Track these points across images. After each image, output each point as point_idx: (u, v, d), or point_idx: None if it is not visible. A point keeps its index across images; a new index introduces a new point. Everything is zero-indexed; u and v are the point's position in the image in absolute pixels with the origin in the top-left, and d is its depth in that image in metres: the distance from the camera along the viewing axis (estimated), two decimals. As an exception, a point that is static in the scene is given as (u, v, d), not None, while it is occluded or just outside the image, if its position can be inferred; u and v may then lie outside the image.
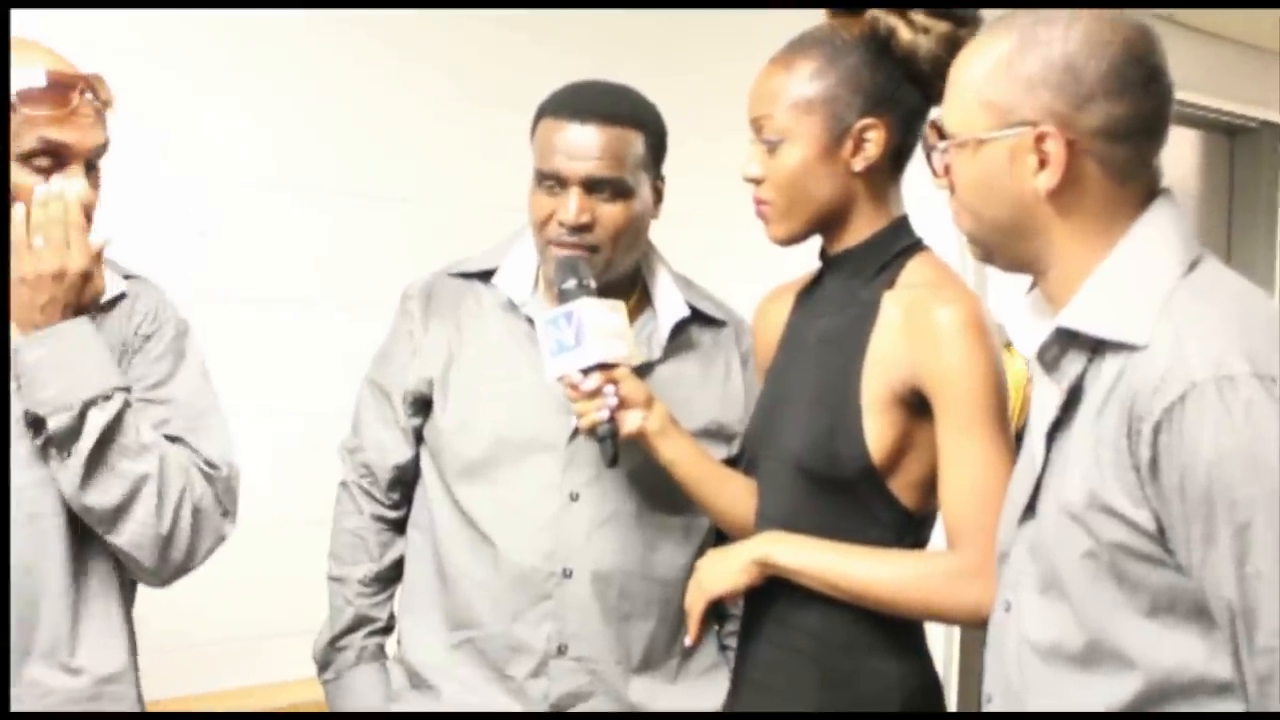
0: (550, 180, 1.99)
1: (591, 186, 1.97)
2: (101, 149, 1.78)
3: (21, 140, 1.72)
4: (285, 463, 2.83)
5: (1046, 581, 1.46)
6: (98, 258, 1.78)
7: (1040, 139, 1.44)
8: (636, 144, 2.00)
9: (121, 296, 1.88)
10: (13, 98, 1.71)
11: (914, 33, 1.78)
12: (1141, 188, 1.48)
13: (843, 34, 1.82)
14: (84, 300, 1.77)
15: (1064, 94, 1.43)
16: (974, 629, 1.67)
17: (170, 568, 1.82)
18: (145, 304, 1.90)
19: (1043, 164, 1.44)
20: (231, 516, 1.88)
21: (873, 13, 1.80)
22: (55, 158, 1.73)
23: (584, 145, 1.97)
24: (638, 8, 3.44)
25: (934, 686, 1.87)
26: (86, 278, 1.76)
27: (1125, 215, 1.46)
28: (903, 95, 1.80)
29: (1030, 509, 1.50)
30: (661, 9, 3.49)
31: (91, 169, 1.78)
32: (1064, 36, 1.45)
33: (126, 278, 1.91)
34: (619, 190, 1.98)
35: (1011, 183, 1.47)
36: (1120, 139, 1.44)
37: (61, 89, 1.71)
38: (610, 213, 1.98)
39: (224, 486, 1.86)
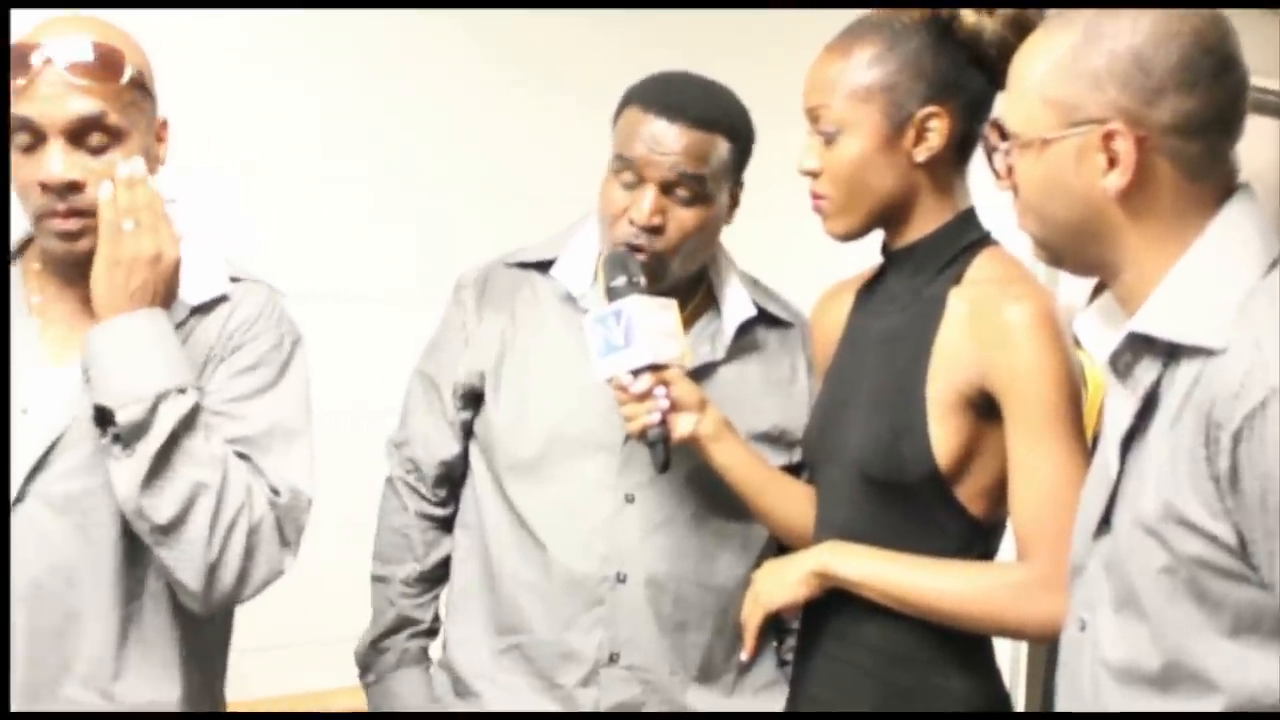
0: (627, 170, 1.94)
1: (669, 188, 1.93)
2: (92, 119, 1.65)
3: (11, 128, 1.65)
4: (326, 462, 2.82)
5: (1122, 599, 1.40)
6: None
7: (1108, 137, 1.38)
8: (723, 150, 1.94)
9: (222, 299, 1.80)
10: None
11: (978, 15, 1.72)
12: (1217, 184, 1.42)
13: (902, 18, 1.76)
14: (174, 289, 1.71)
15: (1132, 89, 1.38)
16: (1043, 644, 1.59)
17: (217, 594, 1.70)
18: (246, 311, 1.81)
19: (1112, 163, 1.39)
20: (292, 549, 1.76)
21: None
22: (30, 132, 1.65)
23: (669, 144, 1.92)
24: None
25: (1002, 706, 1.80)
26: (178, 265, 1.69)
27: (1200, 214, 1.40)
28: (967, 81, 1.73)
29: (1105, 522, 1.44)
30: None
31: (90, 144, 1.67)
32: (1130, 29, 1.39)
33: (234, 280, 1.84)
34: (698, 195, 1.93)
35: (1079, 184, 1.41)
36: (1193, 134, 1.38)
37: (22, 61, 1.62)
38: (684, 217, 1.93)
39: (288, 515, 1.75)
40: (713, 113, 1.95)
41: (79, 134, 1.65)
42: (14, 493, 1.68)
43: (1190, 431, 1.33)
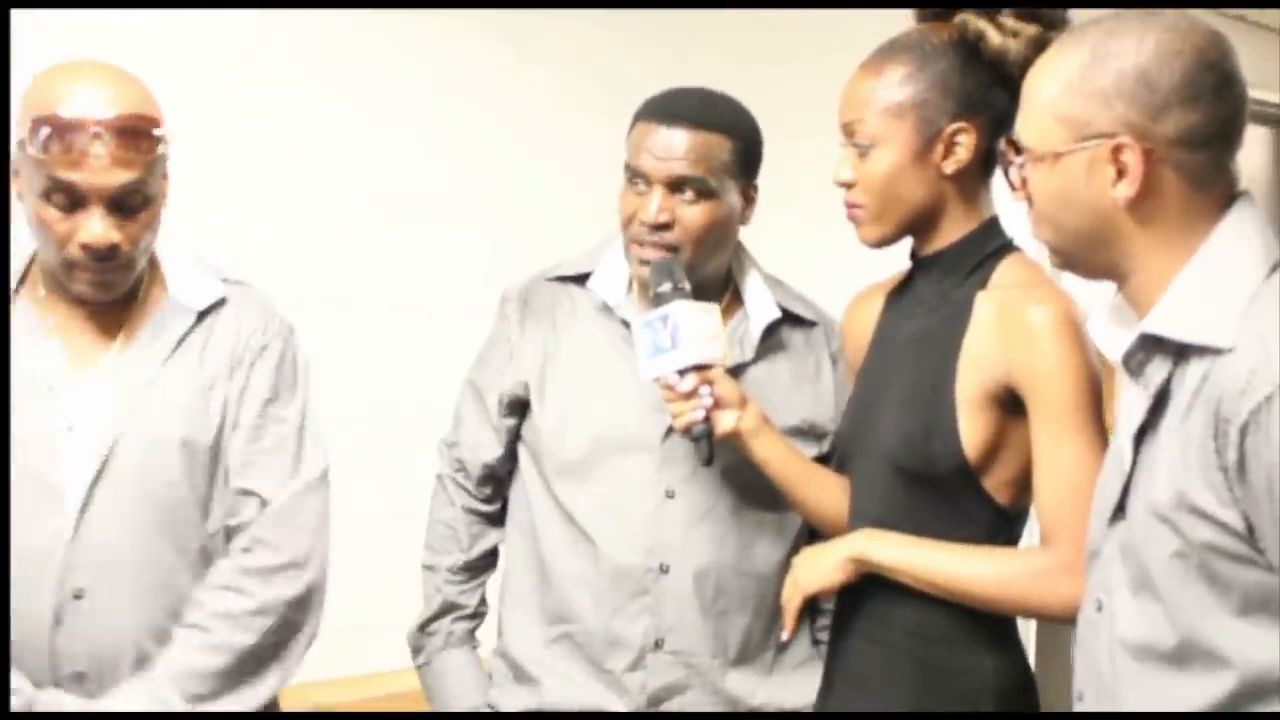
0: (637, 178, 2.04)
1: (675, 187, 2.02)
2: (131, 188, 1.78)
3: (37, 176, 1.76)
4: (378, 459, 2.90)
5: (1138, 582, 1.47)
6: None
7: (1117, 150, 1.45)
8: (723, 149, 2.03)
9: (221, 302, 1.94)
10: (33, 130, 1.74)
11: (1003, 36, 1.80)
12: (1220, 192, 1.49)
13: (932, 39, 1.85)
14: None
15: (1138, 105, 1.45)
16: (1067, 624, 1.69)
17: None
18: (253, 312, 1.96)
19: (1120, 175, 1.46)
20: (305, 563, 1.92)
21: (962, 16, 1.83)
22: (70, 194, 1.76)
23: (670, 146, 2.02)
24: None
25: (1028, 680, 1.89)
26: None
27: (1205, 220, 1.47)
28: (993, 98, 1.82)
29: (1120, 510, 1.51)
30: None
31: (125, 206, 1.79)
32: (1136, 48, 1.46)
33: (225, 282, 1.97)
34: (701, 192, 2.02)
35: (1090, 194, 1.48)
36: (1197, 146, 1.46)
37: (72, 133, 1.73)
38: (691, 214, 2.02)
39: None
40: (710, 114, 2.04)
41: (117, 200, 1.77)
42: (78, 502, 1.80)
43: (1200, 425, 1.40)
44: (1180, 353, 1.45)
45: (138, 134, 1.77)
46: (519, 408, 2.17)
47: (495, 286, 2.28)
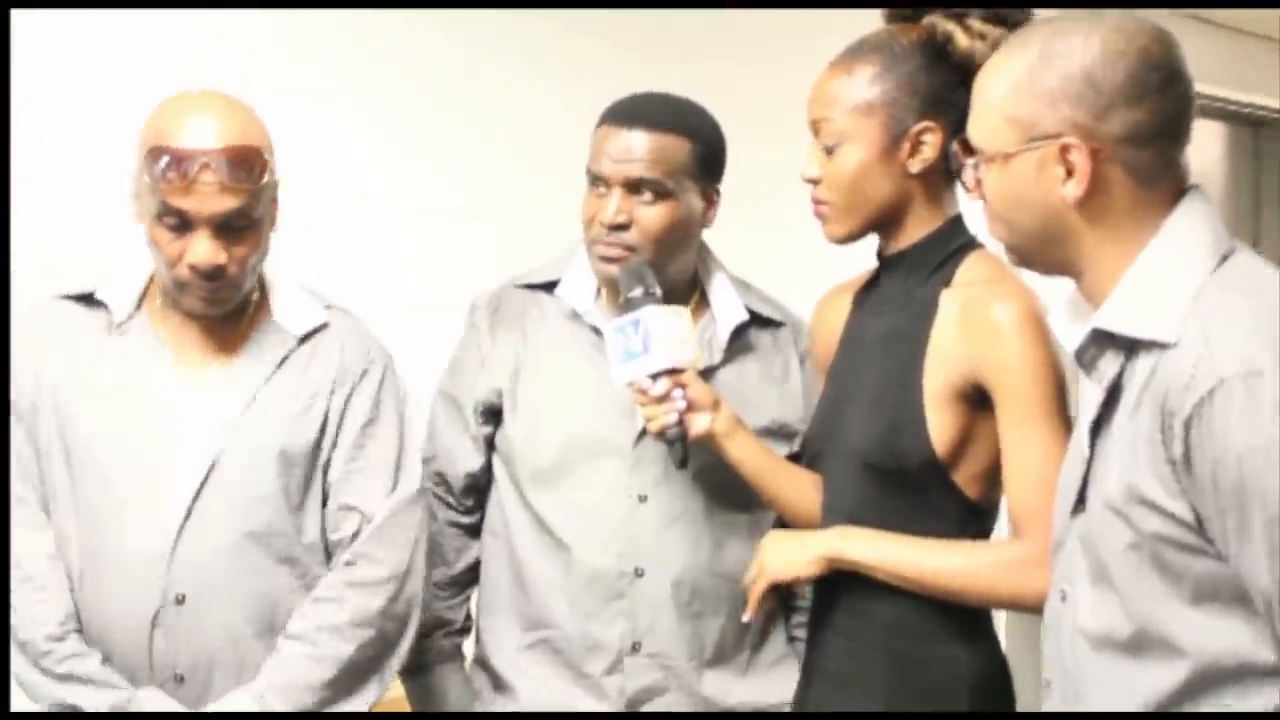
0: (598, 181, 2.06)
1: (633, 188, 2.04)
2: (237, 213, 1.88)
3: (151, 200, 1.87)
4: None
5: (1096, 572, 1.49)
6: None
7: (1065, 150, 1.47)
8: (681, 150, 2.05)
9: (323, 327, 2.04)
10: (149, 158, 1.86)
11: (970, 38, 1.83)
12: (1169, 187, 1.50)
13: (900, 39, 1.87)
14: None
15: (1085, 105, 1.47)
16: (1038, 615, 1.71)
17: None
18: (356, 338, 2.06)
19: (1069, 174, 1.48)
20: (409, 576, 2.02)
21: (930, 18, 1.86)
22: (180, 218, 1.86)
23: (627, 149, 2.04)
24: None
25: (1003, 671, 1.91)
26: None
27: (1154, 215, 1.49)
28: (959, 99, 1.82)
29: (1080, 502, 1.53)
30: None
31: (232, 229, 1.88)
32: (1081, 49, 1.48)
33: (329, 308, 2.06)
34: (659, 193, 2.04)
35: (1040, 193, 1.50)
36: (1143, 143, 1.47)
37: (182, 163, 1.84)
38: (649, 215, 2.04)
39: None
40: (668, 117, 2.07)
41: (223, 223, 1.87)
42: (182, 510, 1.90)
43: (1148, 419, 1.42)
44: (1130, 348, 1.48)
45: (244, 163, 1.87)
46: (494, 415, 2.18)
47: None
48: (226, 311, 1.97)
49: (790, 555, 1.90)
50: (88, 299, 2.00)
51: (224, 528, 1.91)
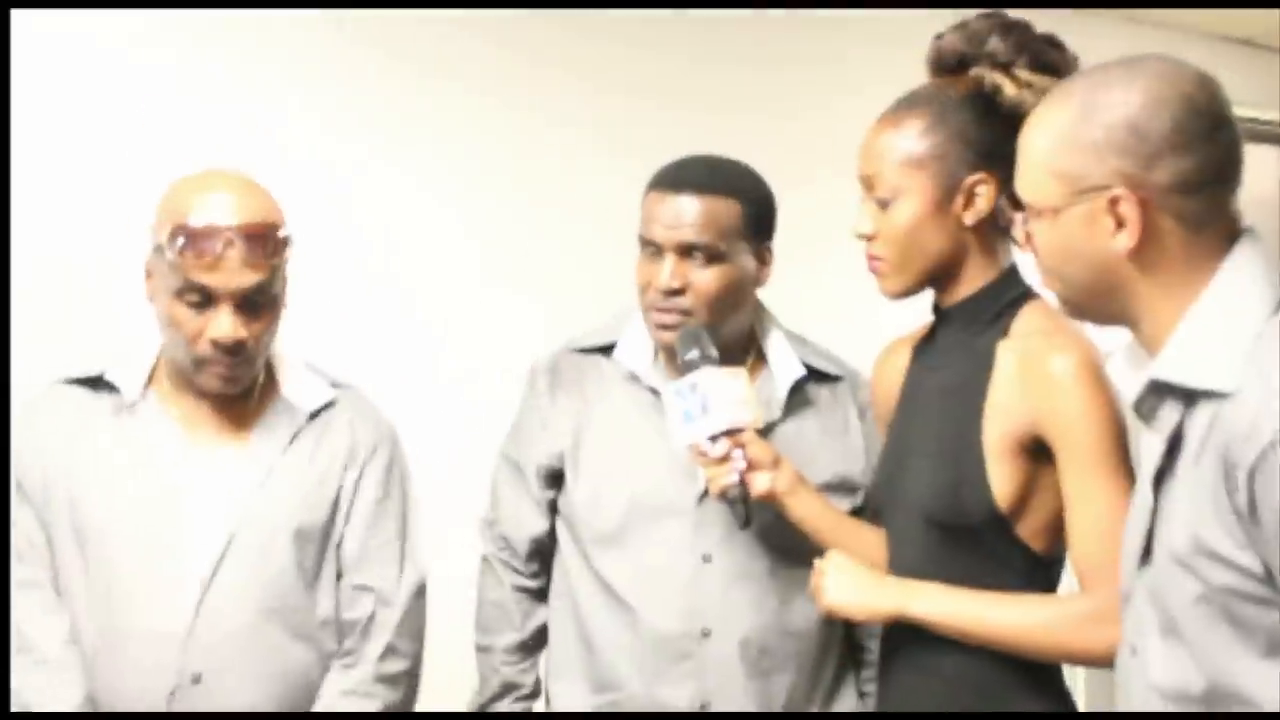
0: (649, 247, 2.08)
1: (686, 252, 2.05)
2: (257, 288, 1.91)
3: (171, 278, 1.90)
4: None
5: (1166, 626, 1.47)
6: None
7: (1114, 202, 1.47)
8: (731, 212, 2.06)
9: (330, 404, 2.07)
10: (170, 237, 1.88)
11: (1019, 88, 1.83)
12: (1222, 232, 1.49)
13: (949, 91, 1.87)
14: None
15: (1131, 156, 1.46)
16: (1108, 669, 1.70)
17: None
18: (365, 415, 2.10)
19: (1120, 225, 1.47)
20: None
21: (977, 70, 1.86)
22: (202, 294, 1.89)
23: (678, 214, 2.05)
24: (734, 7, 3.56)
25: (1074, 721, 1.89)
26: None
27: (1208, 262, 1.48)
28: (1010, 150, 1.80)
29: (1147, 553, 1.51)
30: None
31: (252, 304, 1.92)
32: (1124, 100, 1.47)
33: (335, 386, 2.09)
34: (712, 256, 2.05)
35: (1091, 246, 1.50)
36: (1193, 191, 1.46)
37: (206, 239, 1.87)
38: (703, 278, 2.05)
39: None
40: (716, 180, 2.08)
41: (245, 300, 1.90)
42: (198, 589, 1.92)
43: (1211, 470, 1.40)
44: (1189, 397, 1.45)
45: (265, 239, 1.91)
46: (556, 479, 2.19)
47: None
48: (239, 392, 1.99)
49: (852, 599, 1.87)
50: (94, 381, 2.02)
51: (241, 606, 1.94)
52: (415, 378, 3.06)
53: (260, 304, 1.94)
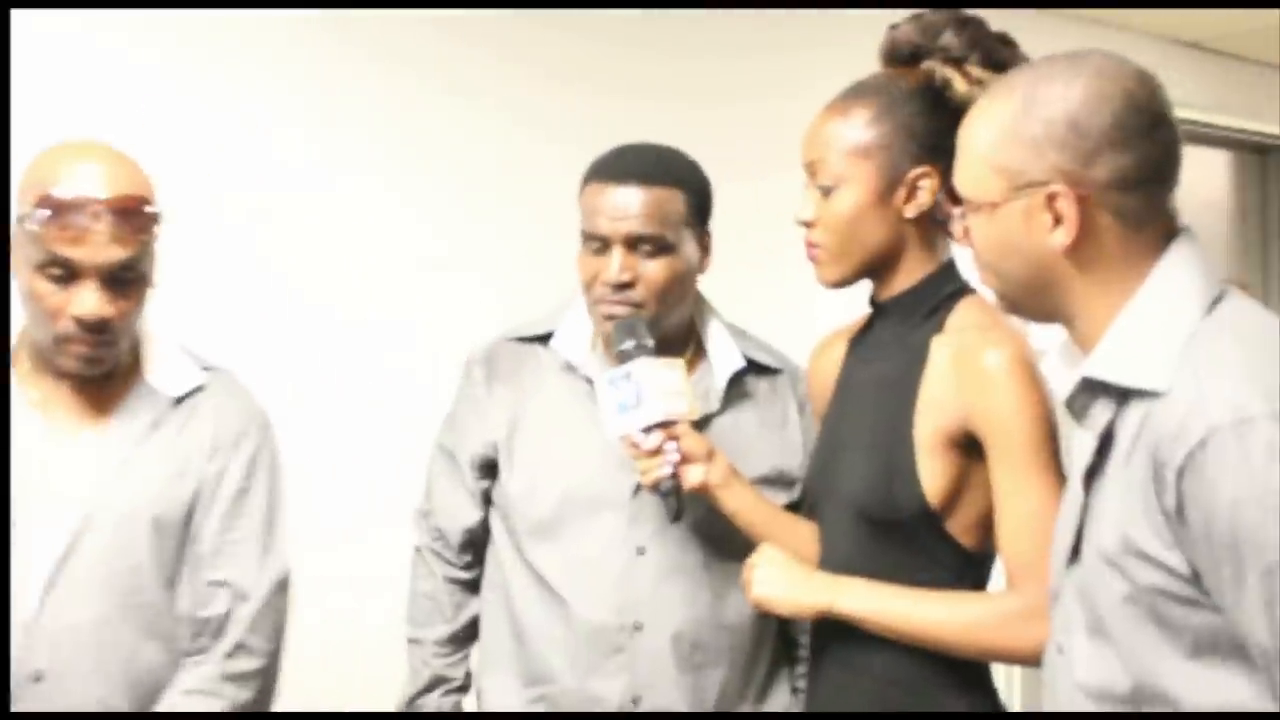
0: (595, 241, 2.05)
1: (633, 244, 2.03)
2: (125, 264, 1.83)
3: (33, 250, 1.81)
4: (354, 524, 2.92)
5: (1093, 625, 1.47)
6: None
7: (1052, 198, 1.46)
8: (676, 201, 2.05)
9: (200, 389, 1.98)
10: (34, 207, 1.79)
11: (969, 85, 1.82)
12: (1158, 231, 1.49)
13: (898, 84, 1.86)
14: None
15: (1070, 151, 1.45)
16: (1036, 667, 1.69)
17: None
18: (234, 402, 2.01)
19: (1057, 221, 1.46)
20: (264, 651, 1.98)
21: (928, 64, 1.85)
22: (66, 269, 1.81)
23: (624, 205, 2.03)
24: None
25: (1003, 720, 1.89)
26: None
27: (1144, 260, 1.48)
28: (955, 145, 1.84)
29: (1076, 552, 1.51)
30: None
31: (119, 281, 1.84)
32: (1064, 95, 1.46)
33: (206, 369, 2.01)
34: (660, 247, 2.03)
35: (1029, 242, 1.49)
36: (1131, 188, 1.46)
37: (72, 212, 1.79)
38: (652, 269, 2.04)
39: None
40: (660, 169, 2.06)
41: (112, 276, 1.82)
42: (46, 576, 1.82)
43: (1141, 469, 1.40)
44: (1122, 396, 1.45)
45: (134, 214, 1.83)
46: (490, 469, 2.17)
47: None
48: (102, 374, 1.91)
49: (780, 593, 1.86)
50: None
51: (89, 600, 1.84)
52: (354, 371, 3.05)
53: (127, 281, 1.84)
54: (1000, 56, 1.84)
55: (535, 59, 3.30)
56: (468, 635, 2.24)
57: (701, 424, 2.05)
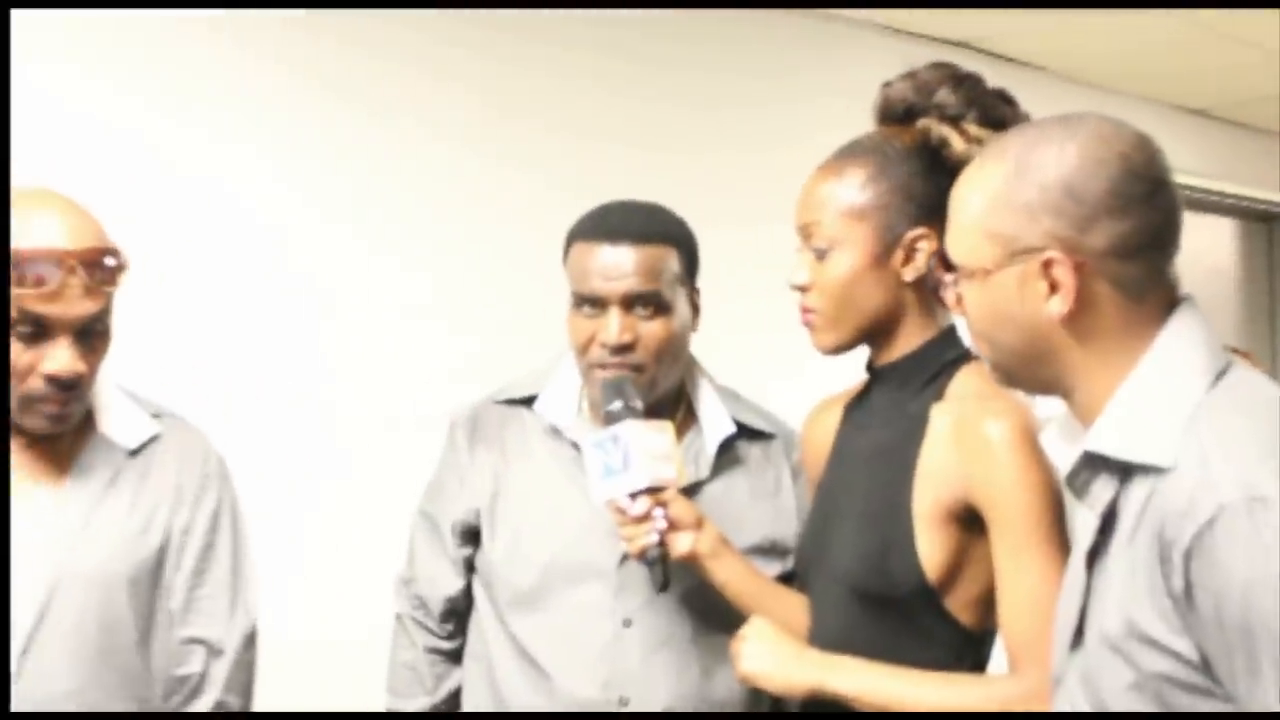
0: (588, 303, 1.99)
1: (630, 304, 1.98)
2: (95, 317, 1.79)
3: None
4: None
5: (1097, 713, 1.40)
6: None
7: (1047, 265, 1.41)
8: (670, 259, 2.00)
9: (154, 439, 1.92)
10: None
11: (967, 143, 1.77)
12: (1159, 300, 1.44)
13: (893, 142, 1.81)
14: None
15: (1066, 218, 1.40)
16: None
17: None
18: (191, 450, 1.95)
19: (1053, 290, 1.41)
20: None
21: (924, 122, 1.80)
22: (38, 326, 1.76)
23: (619, 264, 1.98)
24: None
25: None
26: None
27: (1145, 330, 1.43)
28: None
29: (1079, 634, 1.45)
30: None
31: (90, 335, 1.80)
32: (1058, 160, 1.42)
33: (156, 416, 1.95)
34: (659, 307, 1.98)
35: (1024, 310, 1.44)
36: (1130, 256, 1.41)
37: (45, 266, 1.73)
38: (651, 330, 1.98)
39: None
40: (651, 226, 2.02)
41: (83, 330, 1.77)
42: (19, 646, 1.76)
43: (1145, 549, 1.34)
44: (1125, 471, 1.40)
45: (102, 266, 1.78)
46: (473, 536, 2.11)
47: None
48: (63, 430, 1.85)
49: (770, 669, 1.79)
50: None
51: (67, 669, 1.79)
52: (332, 429, 2.98)
53: (96, 334, 1.80)
54: (999, 114, 1.80)
55: (523, 107, 3.28)
56: (449, 708, 2.16)
57: (691, 491, 2.00)
